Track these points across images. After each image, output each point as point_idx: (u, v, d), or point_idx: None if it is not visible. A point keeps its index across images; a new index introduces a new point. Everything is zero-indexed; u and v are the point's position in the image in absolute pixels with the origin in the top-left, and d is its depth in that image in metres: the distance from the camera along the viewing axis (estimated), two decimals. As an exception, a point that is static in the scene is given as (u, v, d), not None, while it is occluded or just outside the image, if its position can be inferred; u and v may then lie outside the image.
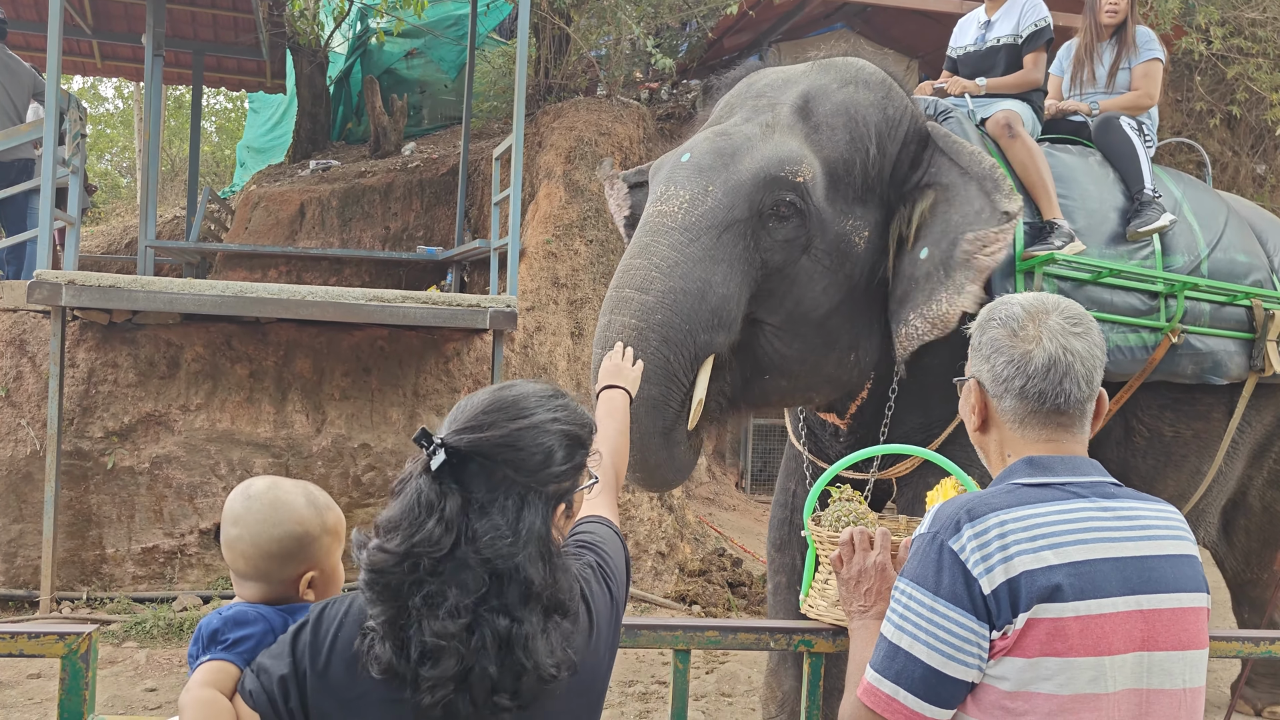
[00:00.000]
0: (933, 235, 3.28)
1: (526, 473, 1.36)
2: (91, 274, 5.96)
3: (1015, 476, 1.54)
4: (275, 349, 6.64)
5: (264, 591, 1.60)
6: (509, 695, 1.32)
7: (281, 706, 1.38)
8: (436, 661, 1.29)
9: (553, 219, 8.04)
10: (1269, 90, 9.52)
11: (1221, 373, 3.88)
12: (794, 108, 3.33)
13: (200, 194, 9.89)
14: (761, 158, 3.15)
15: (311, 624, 1.41)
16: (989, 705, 1.44)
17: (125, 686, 5.00)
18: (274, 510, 1.58)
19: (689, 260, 3.04)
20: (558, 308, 7.67)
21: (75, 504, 6.15)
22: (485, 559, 1.32)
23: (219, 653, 1.48)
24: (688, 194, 3.13)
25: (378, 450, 6.64)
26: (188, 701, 1.41)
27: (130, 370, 6.36)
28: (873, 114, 3.33)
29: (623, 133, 8.71)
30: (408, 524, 1.33)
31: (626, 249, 3.22)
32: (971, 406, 1.65)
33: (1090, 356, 1.57)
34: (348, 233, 9.71)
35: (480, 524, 1.32)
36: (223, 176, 17.34)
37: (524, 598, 1.33)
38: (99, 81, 19.50)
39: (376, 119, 10.92)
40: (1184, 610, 1.48)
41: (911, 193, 3.34)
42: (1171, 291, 3.77)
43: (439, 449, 1.34)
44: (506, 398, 1.42)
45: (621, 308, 3.02)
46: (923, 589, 1.46)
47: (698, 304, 3.01)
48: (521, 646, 1.32)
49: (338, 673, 1.37)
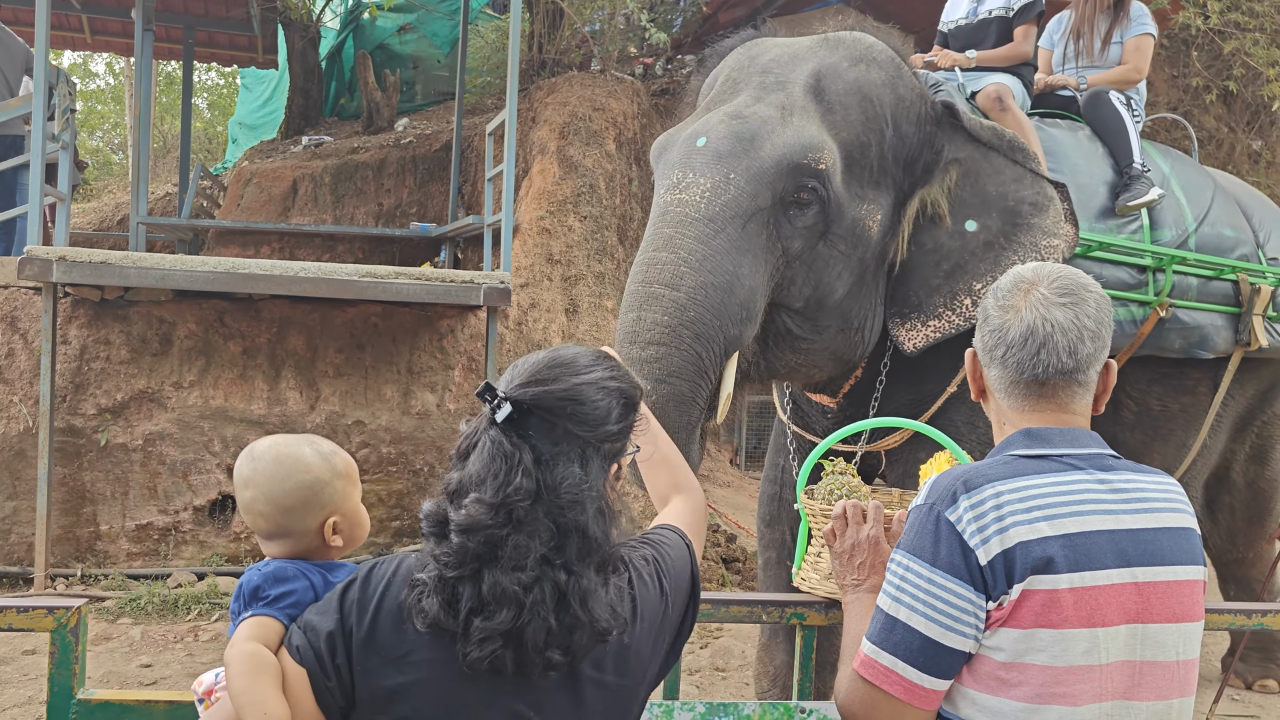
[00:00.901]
0: (972, 208, 3.32)
1: (587, 428, 1.39)
2: (83, 250, 5.93)
3: (1012, 448, 1.54)
4: (268, 326, 6.62)
5: (291, 546, 1.60)
6: (561, 650, 1.33)
7: (328, 662, 1.38)
8: (493, 614, 1.31)
9: (547, 195, 8.01)
10: (1266, 65, 9.48)
11: (1209, 347, 3.92)
12: (806, 87, 3.24)
13: (192, 170, 9.84)
14: (783, 144, 3.07)
15: (360, 581, 1.42)
16: (984, 676, 1.44)
17: (120, 662, 5.00)
18: (280, 464, 1.59)
19: (717, 253, 2.97)
20: (552, 284, 7.65)
21: (69, 481, 6.14)
22: (557, 511, 1.35)
23: (261, 608, 1.49)
24: (709, 182, 3.04)
25: (372, 427, 6.63)
26: (233, 655, 1.41)
27: (123, 347, 6.34)
28: (886, 94, 3.28)
29: (617, 108, 8.66)
30: (494, 475, 1.34)
31: (646, 238, 3.13)
32: (970, 375, 1.67)
33: (1075, 327, 1.55)
34: (341, 209, 9.66)
35: (549, 476, 1.35)
36: (215, 153, 17.25)
37: (583, 552, 1.36)
38: (90, 57, 19.38)
39: (369, 95, 10.85)
40: (1179, 583, 1.48)
41: (928, 171, 3.33)
42: (1160, 266, 3.80)
43: (504, 401, 1.36)
44: (564, 355, 1.45)
45: (651, 304, 2.94)
46: (920, 560, 1.45)
47: (727, 298, 2.96)
48: (579, 600, 1.34)
49: (384, 630, 1.37)
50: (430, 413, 6.77)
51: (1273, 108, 9.77)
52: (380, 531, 6.63)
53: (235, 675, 1.39)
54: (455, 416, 6.83)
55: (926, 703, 1.46)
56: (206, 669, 5.45)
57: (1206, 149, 10.26)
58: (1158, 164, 4.11)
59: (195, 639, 5.34)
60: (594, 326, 7.68)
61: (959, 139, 3.37)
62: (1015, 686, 1.41)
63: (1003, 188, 3.34)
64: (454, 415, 6.83)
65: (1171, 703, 1.48)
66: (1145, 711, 1.45)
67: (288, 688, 1.40)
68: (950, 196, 3.33)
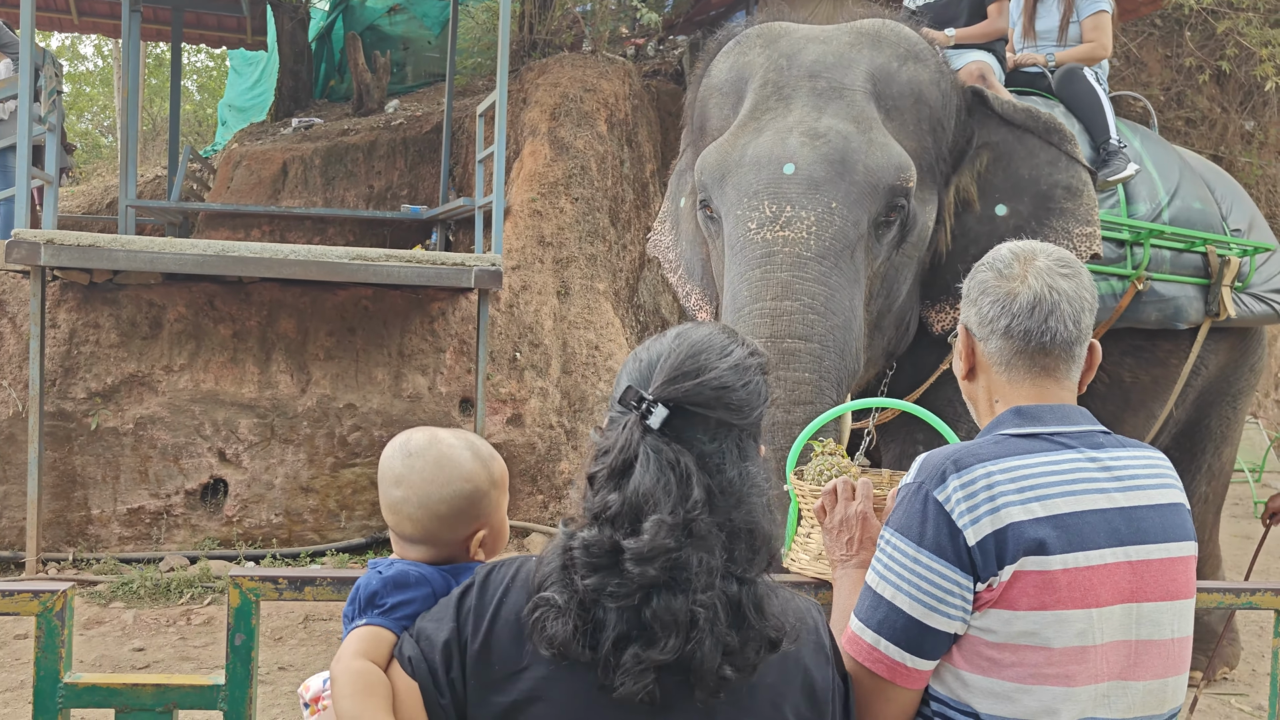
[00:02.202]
0: (1003, 192, 3.29)
1: (742, 415, 1.27)
2: (71, 233, 5.89)
3: (1003, 427, 1.52)
4: (258, 309, 6.59)
5: (432, 554, 1.48)
6: (734, 666, 1.21)
7: (442, 676, 1.27)
8: (656, 641, 1.19)
9: (538, 177, 7.97)
10: (1258, 45, 9.47)
11: (1182, 318, 3.98)
12: (866, 94, 3.12)
13: (181, 153, 9.77)
14: (877, 166, 2.97)
15: (478, 587, 1.31)
16: (975, 657, 1.43)
17: (113, 646, 5.01)
18: (440, 468, 1.46)
19: (836, 292, 2.87)
20: (543, 266, 7.63)
21: (59, 465, 6.13)
22: (725, 515, 1.23)
23: (375, 617, 1.38)
24: (812, 216, 2.90)
25: (363, 410, 6.62)
26: (339, 672, 1.32)
27: (112, 331, 6.31)
28: (934, 93, 3.22)
29: (608, 89, 8.62)
30: (667, 492, 1.21)
31: (751, 281, 2.92)
32: (959, 352, 1.63)
33: (1078, 297, 1.55)
34: (331, 192, 9.61)
35: (718, 480, 1.24)
36: (204, 135, 17.14)
37: (752, 552, 1.25)
38: (78, 40, 19.23)
39: (359, 76, 10.77)
40: (1172, 560, 1.48)
41: (960, 158, 3.31)
42: (1137, 240, 3.84)
43: (655, 404, 1.24)
44: (698, 340, 1.30)
45: (790, 362, 2.80)
46: (906, 539, 1.44)
47: (849, 338, 2.89)
48: (755, 608, 1.23)
49: (501, 641, 1.26)
50: (422, 395, 6.75)
51: (1266, 88, 9.75)
52: (373, 515, 6.63)
53: (343, 696, 1.31)
54: (446, 399, 6.82)
55: (911, 682, 1.45)
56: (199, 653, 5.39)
57: (1199, 129, 10.25)
58: (1129, 139, 4.15)
59: (188, 623, 5.34)
60: (585, 309, 7.66)
61: (990, 123, 3.35)
62: (1008, 667, 1.41)
63: (1036, 171, 3.31)
64: (445, 398, 6.82)
65: (1167, 681, 1.47)
66: (1141, 690, 1.44)
67: (398, 704, 1.29)
68: (980, 181, 3.30)
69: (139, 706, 1.80)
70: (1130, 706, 1.44)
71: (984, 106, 3.37)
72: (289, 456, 6.50)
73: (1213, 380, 4.49)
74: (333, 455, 6.56)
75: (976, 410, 1.65)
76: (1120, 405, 4.06)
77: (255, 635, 1.84)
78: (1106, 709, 1.42)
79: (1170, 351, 4.10)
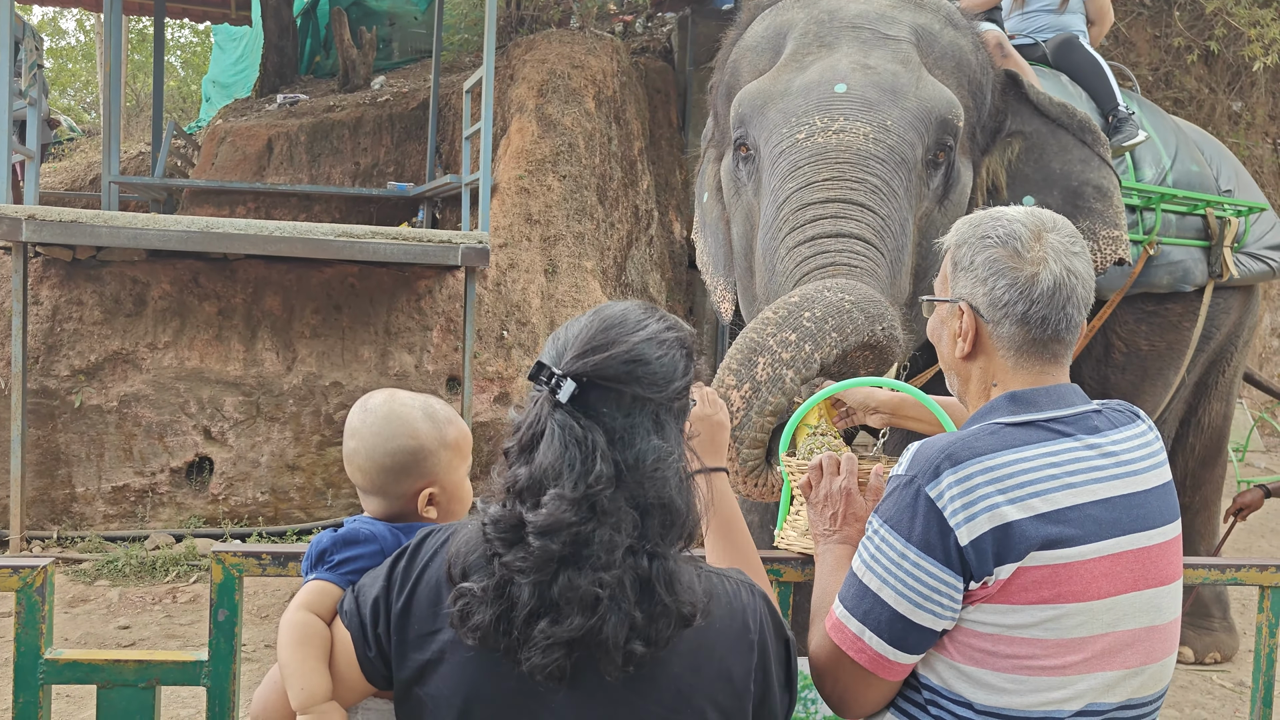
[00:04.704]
0: (1033, 184, 3.27)
1: (656, 388, 1.26)
2: (53, 209, 5.84)
3: (997, 415, 1.47)
4: (244, 286, 6.55)
5: (384, 506, 1.58)
6: (643, 641, 1.21)
7: (370, 631, 1.33)
8: (563, 618, 1.19)
9: (525, 154, 7.92)
10: (1247, 26, 9.45)
11: (1190, 280, 4.05)
12: (913, 44, 3.03)
13: (165, 129, 9.68)
14: (929, 97, 2.87)
15: (410, 551, 1.36)
16: (967, 648, 1.41)
17: (98, 624, 4.99)
18: (388, 424, 1.55)
19: (896, 191, 2.73)
20: (531, 244, 7.59)
21: (43, 443, 6.09)
22: (639, 490, 1.23)
23: (324, 572, 1.46)
24: (867, 128, 2.75)
25: (349, 388, 6.59)
26: (283, 623, 1.40)
27: (96, 308, 6.26)
28: (973, 60, 3.17)
29: (596, 66, 8.56)
30: (570, 466, 1.21)
31: (795, 182, 2.72)
32: (958, 331, 1.54)
33: (1089, 278, 1.50)
34: (317, 168, 9.53)
35: (627, 455, 1.23)
36: (189, 112, 16.99)
37: (665, 529, 1.24)
38: (60, 14, 18.99)
39: (345, 52, 10.68)
40: (1167, 543, 1.47)
41: (994, 142, 3.28)
42: (1148, 205, 3.87)
43: (564, 379, 1.23)
44: (612, 315, 1.29)
45: (848, 217, 2.61)
46: (895, 533, 1.41)
47: (905, 242, 2.74)
48: (665, 584, 1.22)
49: (421, 604, 1.30)
50: (408, 374, 6.73)
51: (1254, 68, 9.75)
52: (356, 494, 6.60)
53: (282, 645, 1.38)
54: (433, 378, 6.80)
55: (891, 674, 1.44)
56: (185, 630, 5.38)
57: (1187, 110, 10.24)
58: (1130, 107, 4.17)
59: (174, 600, 5.33)
60: (573, 287, 7.63)
61: (1025, 111, 3.31)
62: (1004, 659, 1.39)
63: (1068, 167, 3.29)
64: (432, 376, 6.79)
65: (1165, 661, 1.47)
66: (1144, 675, 1.44)
67: (337, 653, 1.37)
68: (1010, 170, 3.28)
69: (121, 682, 1.79)
70: (1132, 690, 1.43)
71: (1019, 92, 3.33)
72: (275, 434, 6.47)
73: (1223, 341, 4.57)
74: (319, 433, 6.54)
75: (965, 389, 1.59)
76: (1139, 376, 4.11)
77: (239, 611, 1.83)
78: (1110, 695, 1.41)
79: (1181, 315, 4.15)
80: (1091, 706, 1.40)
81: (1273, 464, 9.92)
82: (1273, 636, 2.19)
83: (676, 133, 9.56)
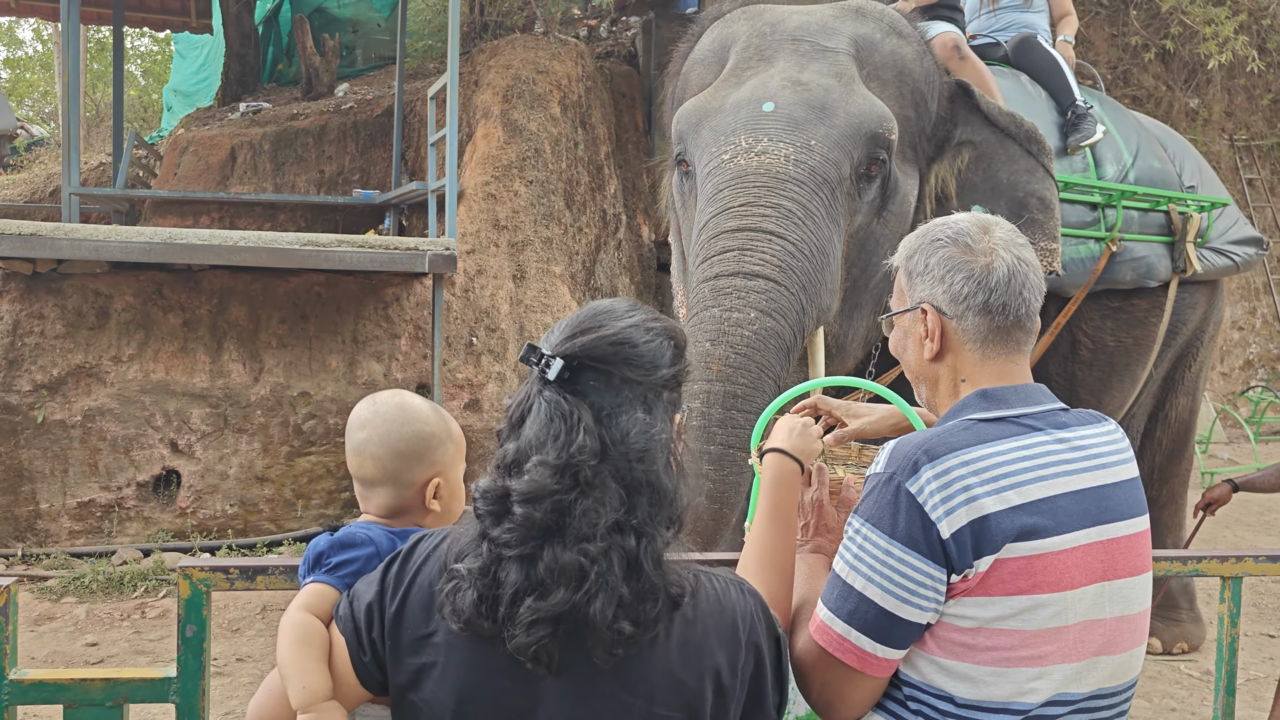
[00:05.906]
0: (981, 193, 3.31)
1: (643, 372, 1.29)
2: (12, 221, 5.76)
3: (969, 411, 1.50)
4: (209, 297, 6.49)
5: (392, 497, 1.58)
6: (631, 621, 1.23)
7: (364, 635, 1.34)
8: (549, 593, 1.21)
9: (491, 160, 7.91)
10: (1202, 24, 9.61)
11: (1154, 275, 4.09)
12: (851, 56, 3.10)
13: (126, 139, 9.57)
14: (858, 112, 2.93)
15: (403, 554, 1.37)
16: (947, 642, 1.43)
17: (65, 642, 4.93)
18: (402, 411, 1.59)
19: (813, 214, 2.80)
20: (498, 250, 7.58)
21: (5, 459, 6.00)
22: (625, 467, 1.25)
23: (321, 575, 1.47)
24: (789, 149, 2.84)
25: (318, 398, 6.55)
26: (283, 623, 1.41)
27: (58, 321, 6.18)
28: (916, 68, 3.22)
29: (561, 71, 8.56)
30: (554, 436, 1.24)
31: (716, 204, 2.85)
32: (924, 334, 1.56)
33: (1037, 269, 1.55)
34: (281, 177, 9.46)
35: (614, 431, 1.26)
36: (150, 121, 16.82)
37: (654, 509, 1.27)
38: (16, 23, 18.76)
39: (308, 60, 10.61)
40: (1136, 535, 1.49)
41: (944, 150, 3.32)
42: (1109, 202, 3.92)
43: (552, 359, 1.27)
44: (602, 305, 1.35)
45: (755, 249, 2.72)
46: (878, 531, 1.42)
47: (824, 262, 2.80)
48: (653, 563, 1.24)
49: (414, 608, 1.32)
50: (377, 382, 6.69)
51: (1209, 66, 9.90)
52: (329, 503, 6.57)
53: (281, 644, 1.38)
54: (403, 386, 6.77)
55: (879, 671, 1.45)
56: (154, 646, 5.33)
57: (1145, 107, 10.38)
58: (1090, 102, 4.22)
59: (143, 616, 5.27)
60: (542, 293, 7.63)
61: (975, 121, 3.35)
62: (983, 651, 1.41)
63: (1015, 177, 3.34)
64: (401, 384, 6.76)
65: (1134, 652, 1.50)
66: (1112, 664, 1.46)
67: (334, 658, 1.37)
68: (960, 178, 3.31)
69: (88, 701, 1.76)
70: (1100, 680, 1.45)
71: (969, 101, 3.37)
72: (243, 446, 6.42)
73: (1189, 336, 4.62)
74: (288, 444, 6.49)
75: (935, 392, 1.61)
76: (1106, 372, 4.15)
77: (207, 626, 1.82)
78: (1078, 684, 1.43)
79: (1147, 310, 4.19)
80: (1061, 695, 1.42)
81: (1235, 455, 10.08)
82: (1234, 626, 2.23)
83: (643, 136, 9.58)
